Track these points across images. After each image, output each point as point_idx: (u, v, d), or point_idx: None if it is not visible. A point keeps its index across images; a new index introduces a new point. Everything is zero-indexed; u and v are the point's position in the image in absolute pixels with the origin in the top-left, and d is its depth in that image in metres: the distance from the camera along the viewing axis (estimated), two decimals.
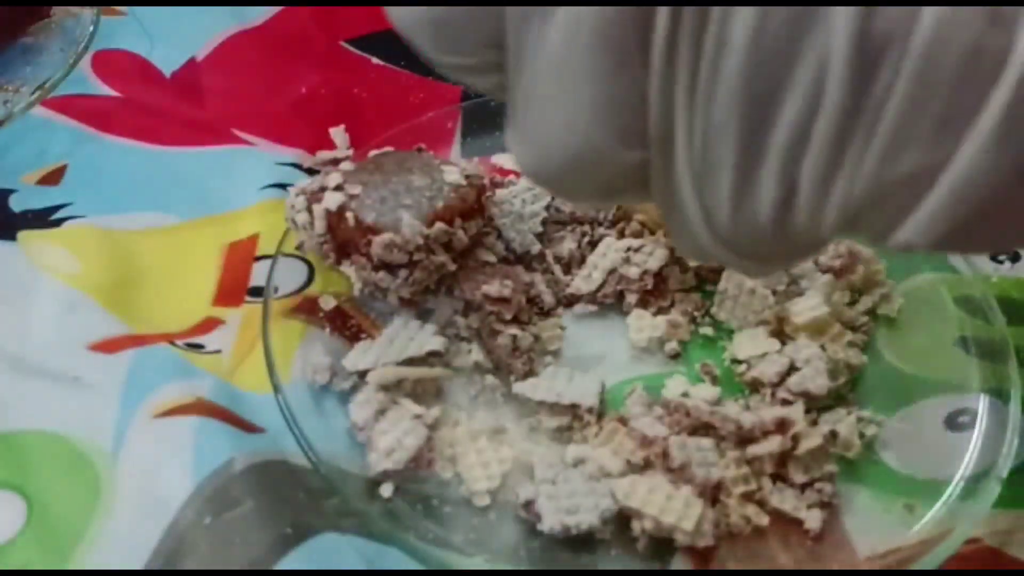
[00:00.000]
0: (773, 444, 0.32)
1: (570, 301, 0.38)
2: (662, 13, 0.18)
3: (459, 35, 0.21)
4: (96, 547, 0.30)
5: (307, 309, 0.37)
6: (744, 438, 0.32)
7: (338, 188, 0.35)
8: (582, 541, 0.31)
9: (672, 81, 0.19)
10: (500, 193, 0.40)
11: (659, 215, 0.24)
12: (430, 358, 0.35)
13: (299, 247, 0.37)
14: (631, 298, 0.38)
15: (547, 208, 0.40)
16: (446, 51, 0.22)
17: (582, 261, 0.39)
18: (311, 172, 0.44)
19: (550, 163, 0.22)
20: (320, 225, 0.35)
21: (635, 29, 0.19)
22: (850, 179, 0.19)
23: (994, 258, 0.41)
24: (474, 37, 0.21)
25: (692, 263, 0.38)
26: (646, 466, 0.32)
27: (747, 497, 0.32)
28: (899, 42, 0.17)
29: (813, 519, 0.31)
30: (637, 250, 0.38)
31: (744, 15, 0.18)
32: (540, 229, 0.40)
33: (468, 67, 0.22)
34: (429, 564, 0.30)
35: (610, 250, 0.38)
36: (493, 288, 0.36)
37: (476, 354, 0.36)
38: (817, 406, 0.34)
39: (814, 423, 0.34)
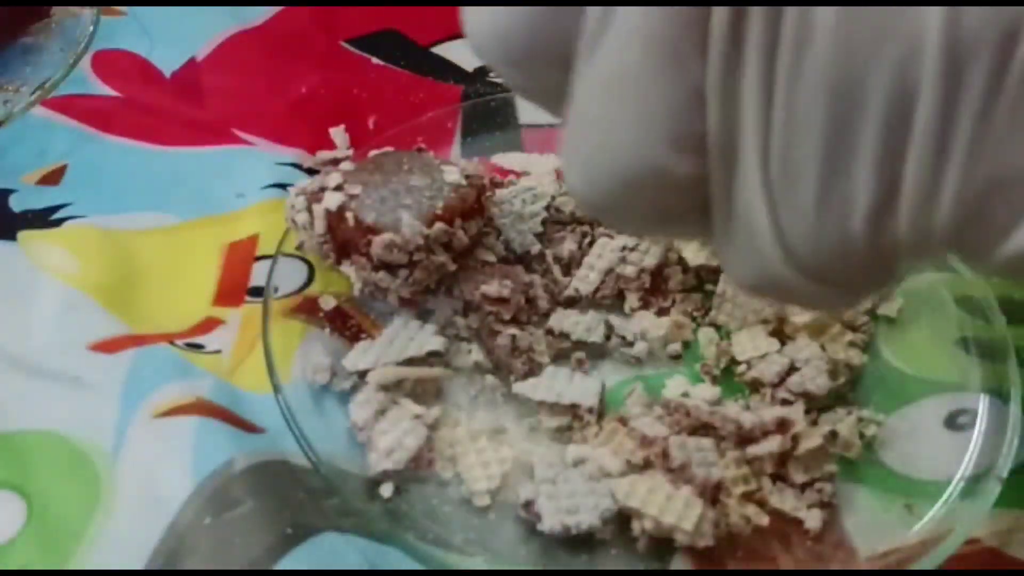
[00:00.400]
0: (773, 444, 0.32)
1: (568, 303, 0.38)
2: (721, 9, 0.17)
3: (526, 52, 0.20)
4: (96, 547, 0.30)
5: (307, 309, 0.37)
6: (744, 438, 0.32)
7: (338, 188, 0.35)
8: (582, 541, 0.31)
9: (736, 77, 0.18)
10: (500, 193, 0.40)
11: (714, 244, 0.22)
12: (430, 358, 0.35)
13: (299, 247, 0.37)
14: (632, 298, 0.38)
15: (547, 208, 0.40)
16: (515, 71, 0.21)
17: (582, 262, 0.39)
18: (311, 172, 0.44)
19: (599, 182, 0.20)
20: (320, 225, 0.35)
21: (690, 26, 0.18)
22: (964, 170, 0.17)
23: None
24: (542, 55, 0.20)
25: (693, 263, 0.38)
26: (646, 466, 0.32)
27: (747, 497, 0.32)
28: (1002, 27, 0.16)
29: (813, 519, 0.31)
30: (633, 249, 0.38)
31: None
32: (540, 229, 0.40)
33: (538, 90, 0.21)
34: (429, 564, 0.30)
35: (606, 250, 0.38)
36: (492, 288, 0.36)
37: (476, 354, 0.36)
38: (817, 406, 0.34)
39: (814, 423, 0.34)
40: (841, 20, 0.16)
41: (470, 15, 0.20)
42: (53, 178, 0.43)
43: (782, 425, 0.32)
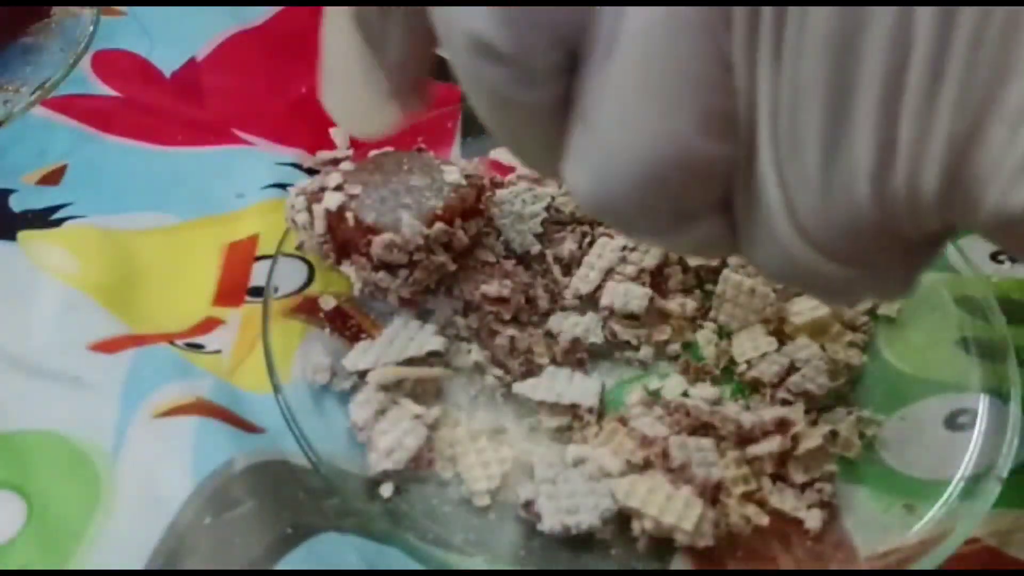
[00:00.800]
0: (773, 444, 0.32)
1: (568, 303, 0.38)
2: None
3: (533, 24, 0.19)
4: (96, 547, 0.30)
5: (307, 309, 0.37)
6: (744, 438, 0.32)
7: (338, 188, 0.35)
8: (582, 541, 0.31)
9: (755, 45, 0.17)
10: (500, 193, 0.40)
11: (737, 241, 0.21)
12: (430, 358, 0.35)
13: (299, 247, 0.37)
14: None
15: (547, 208, 0.40)
16: (515, 41, 0.18)
17: (582, 262, 0.39)
18: (311, 172, 0.44)
19: (618, 179, 0.19)
20: (320, 225, 0.35)
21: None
22: (953, 115, 0.17)
23: (994, 258, 0.41)
24: (549, 29, 0.19)
25: (693, 262, 0.38)
26: (646, 466, 0.32)
27: (747, 497, 0.32)
28: None
29: (813, 519, 0.31)
30: (633, 249, 0.38)
31: None
32: (540, 229, 0.40)
33: (530, 70, 0.19)
34: (429, 564, 0.30)
35: (606, 250, 0.38)
36: (492, 288, 0.36)
37: (476, 354, 0.36)
38: (817, 406, 0.34)
39: (814, 423, 0.34)
40: None
41: (464, 15, 0.19)
42: (53, 178, 0.43)
43: (782, 425, 0.32)
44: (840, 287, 0.21)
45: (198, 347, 0.37)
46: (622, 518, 0.31)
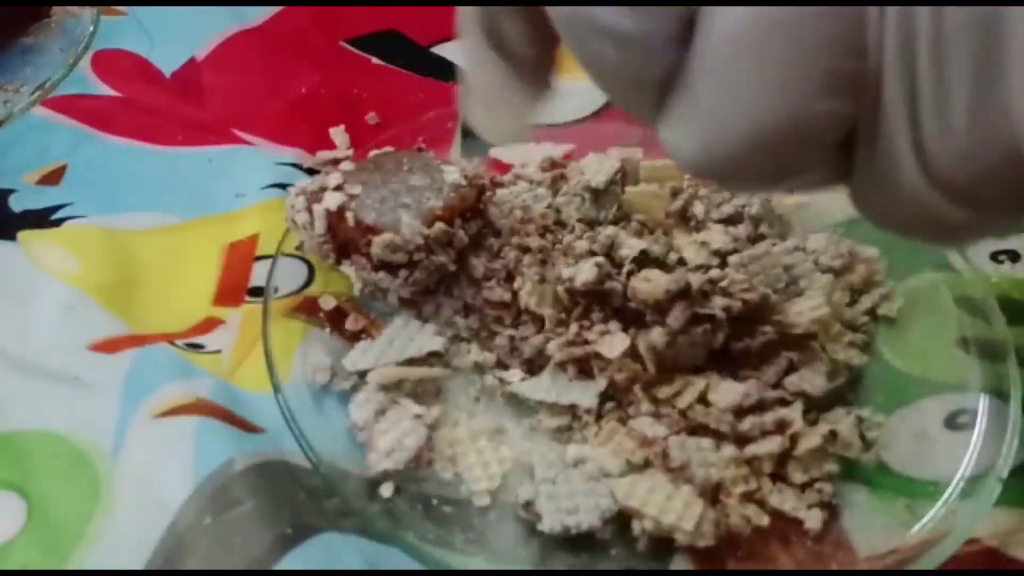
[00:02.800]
0: (772, 444, 0.32)
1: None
2: None
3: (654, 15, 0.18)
4: (96, 547, 0.30)
5: (307, 309, 0.37)
6: (743, 438, 0.32)
7: (338, 188, 0.36)
8: (582, 541, 0.31)
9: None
10: (500, 193, 0.40)
11: (848, 188, 0.21)
12: (430, 358, 0.35)
13: (299, 247, 0.37)
14: None
15: (547, 208, 0.40)
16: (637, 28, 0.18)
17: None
18: (311, 172, 0.44)
19: (727, 146, 0.18)
20: (320, 225, 0.35)
21: None
22: None
23: (994, 258, 0.41)
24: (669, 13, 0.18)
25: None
26: (646, 466, 0.32)
27: (747, 497, 0.32)
28: None
29: (813, 519, 0.31)
30: None
31: None
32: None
33: (645, 35, 0.18)
34: (429, 564, 0.30)
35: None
36: (495, 293, 0.36)
37: (476, 354, 0.36)
38: (817, 406, 0.34)
39: (814, 423, 0.34)
40: None
41: None
42: (53, 178, 0.43)
43: (780, 425, 0.32)
44: (956, 230, 0.20)
45: (198, 347, 0.37)
46: (622, 518, 0.31)
